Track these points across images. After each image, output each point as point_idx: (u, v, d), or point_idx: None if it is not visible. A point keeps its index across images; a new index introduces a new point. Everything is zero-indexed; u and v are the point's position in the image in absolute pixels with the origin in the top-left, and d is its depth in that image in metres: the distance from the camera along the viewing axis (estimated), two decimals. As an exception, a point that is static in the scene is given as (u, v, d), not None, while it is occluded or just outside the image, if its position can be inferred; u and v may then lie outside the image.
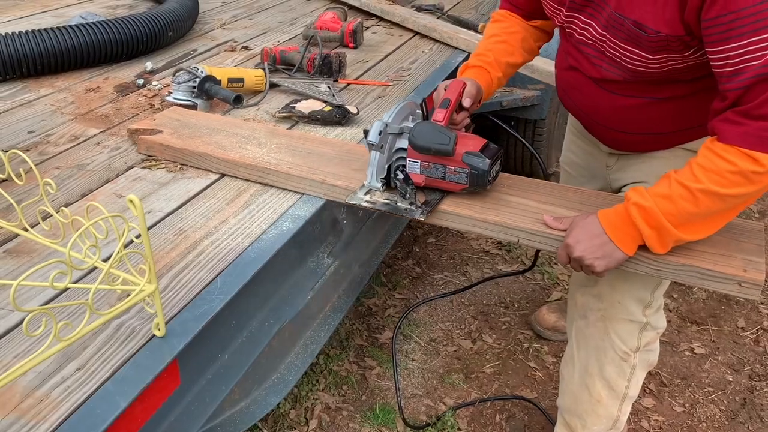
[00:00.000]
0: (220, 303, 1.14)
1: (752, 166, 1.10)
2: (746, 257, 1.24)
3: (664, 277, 1.28)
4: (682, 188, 1.15)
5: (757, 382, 2.11)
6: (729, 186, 1.13)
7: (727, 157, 1.11)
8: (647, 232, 1.19)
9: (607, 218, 1.23)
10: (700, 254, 1.24)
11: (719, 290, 1.23)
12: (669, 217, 1.16)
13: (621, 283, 1.51)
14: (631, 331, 1.55)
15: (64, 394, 0.96)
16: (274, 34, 2.69)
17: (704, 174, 1.14)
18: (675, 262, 1.22)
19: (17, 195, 1.43)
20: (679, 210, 1.16)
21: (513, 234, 1.33)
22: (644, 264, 1.25)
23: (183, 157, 1.62)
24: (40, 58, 2.10)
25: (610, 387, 1.61)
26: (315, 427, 1.93)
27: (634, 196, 1.19)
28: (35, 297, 1.15)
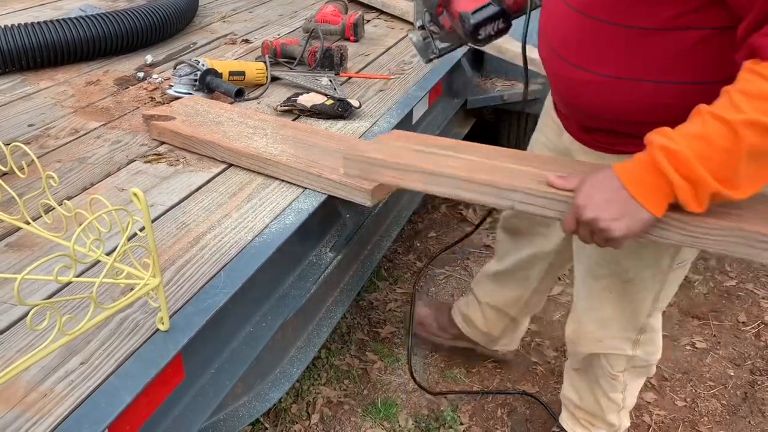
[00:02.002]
0: (224, 297, 1.14)
1: None
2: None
3: (701, 246, 0.99)
4: (720, 123, 0.89)
5: (758, 376, 2.11)
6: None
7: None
8: (679, 184, 0.91)
9: (625, 170, 0.96)
10: (743, 216, 0.96)
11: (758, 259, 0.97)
12: (706, 163, 0.90)
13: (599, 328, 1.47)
14: (618, 360, 1.53)
15: (69, 388, 0.95)
16: (274, 27, 2.67)
17: (748, 102, 0.87)
18: (715, 224, 0.95)
19: (17, 188, 1.42)
20: (718, 152, 0.89)
21: (507, 197, 1.07)
22: (675, 228, 0.97)
23: (191, 144, 1.62)
24: (40, 50, 2.09)
25: (608, 398, 1.62)
26: (317, 421, 1.92)
27: (659, 138, 0.93)
28: (38, 291, 1.14)
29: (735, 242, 0.95)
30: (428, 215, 2.88)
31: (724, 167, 0.90)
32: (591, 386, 1.64)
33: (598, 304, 1.44)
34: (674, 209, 0.95)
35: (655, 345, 1.52)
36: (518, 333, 2.02)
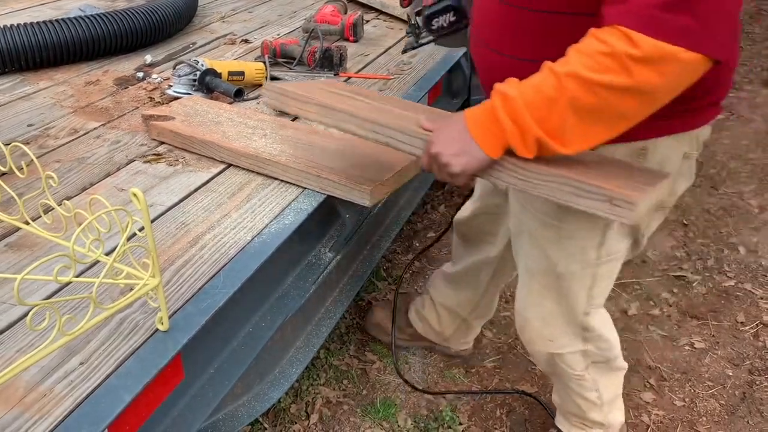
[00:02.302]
0: (224, 297, 1.14)
1: (628, 47, 0.93)
2: (634, 183, 1.04)
3: (530, 190, 1.07)
4: (550, 74, 0.98)
5: (756, 376, 2.11)
6: (599, 71, 0.94)
7: (603, 37, 0.95)
8: (509, 127, 1.00)
9: (471, 114, 1.06)
10: (578, 169, 1.05)
11: (588, 209, 1.03)
12: (532, 110, 0.98)
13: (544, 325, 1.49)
14: (575, 358, 1.53)
15: (68, 388, 0.95)
16: (273, 27, 2.67)
17: (575, 56, 0.97)
18: (543, 170, 1.04)
19: (17, 188, 1.42)
20: (544, 101, 0.97)
21: (384, 133, 1.21)
22: (509, 170, 1.07)
23: (190, 144, 1.62)
24: (39, 50, 2.09)
25: (584, 398, 1.63)
26: (316, 421, 1.92)
27: (502, 85, 1.02)
28: (37, 291, 1.15)
29: (559, 188, 1.04)
30: (427, 215, 2.88)
31: (548, 116, 0.98)
32: (565, 388, 1.65)
33: (538, 300, 1.45)
34: (512, 155, 1.05)
35: (606, 341, 1.51)
36: (471, 335, 2.08)
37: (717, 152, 3.47)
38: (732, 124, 3.78)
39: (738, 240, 2.77)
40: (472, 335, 2.09)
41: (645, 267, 2.60)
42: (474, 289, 1.90)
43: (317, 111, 1.28)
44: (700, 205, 3.01)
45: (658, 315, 2.36)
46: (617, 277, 2.54)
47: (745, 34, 5.19)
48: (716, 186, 3.16)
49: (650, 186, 1.04)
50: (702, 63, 0.95)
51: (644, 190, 1.01)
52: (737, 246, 2.73)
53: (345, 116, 1.25)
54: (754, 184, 3.18)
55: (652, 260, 2.64)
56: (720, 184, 3.17)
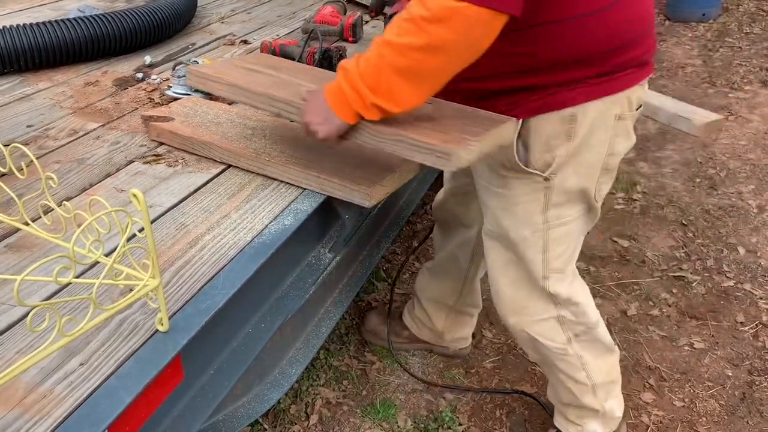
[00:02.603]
0: (223, 298, 1.14)
1: (420, 9, 1.07)
2: (461, 135, 1.20)
3: (383, 148, 1.26)
4: (374, 45, 1.15)
5: (756, 376, 2.12)
6: (401, 35, 1.10)
7: (411, 6, 1.10)
8: (352, 97, 1.18)
9: (329, 87, 1.23)
10: (418, 128, 1.22)
11: (425, 162, 1.21)
12: (365, 79, 1.15)
13: (514, 291, 1.51)
14: (552, 327, 1.54)
15: (68, 389, 0.95)
16: (273, 28, 2.67)
17: (390, 27, 1.13)
18: (387, 131, 1.22)
19: (16, 189, 1.42)
20: (372, 69, 1.14)
21: (275, 105, 1.39)
22: (365, 133, 1.26)
23: (190, 145, 1.62)
24: (38, 51, 2.08)
25: (574, 380, 1.63)
26: (316, 422, 1.92)
27: (345, 61, 1.21)
28: (37, 292, 1.14)
29: (399, 145, 1.22)
30: (427, 216, 2.88)
31: (378, 82, 1.14)
32: (555, 375, 1.65)
33: (502, 268, 1.52)
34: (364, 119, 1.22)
35: (577, 304, 1.53)
36: (466, 328, 2.09)
37: (716, 152, 3.47)
38: (731, 124, 3.78)
39: (737, 240, 2.77)
40: (467, 329, 2.10)
41: (644, 267, 2.61)
42: (455, 274, 1.93)
43: (226, 89, 1.46)
44: (699, 206, 3.01)
45: (658, 315, 2.36)
46: (617, 277, 2.56)
47: (744, 34, 5.19)
48: (715, 186, 3.16)
49: (476, 136, 1.19)
50: (491, 17, 1.07)
51: (466, 141, 1.18)
52: (736, 246, 2.73)
53: (245, 92, 1.42)
54: (753, 184, 3.18)
55: (651, 260, 2.64)
56: (719, 184, 3.18)
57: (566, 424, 1.75)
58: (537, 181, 1.35)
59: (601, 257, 2.66)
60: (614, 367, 1.69)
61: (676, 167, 3.33)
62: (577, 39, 1.21)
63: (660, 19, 5.57)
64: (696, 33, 5.24)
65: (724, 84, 4.32)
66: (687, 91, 4.21)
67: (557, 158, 1.32)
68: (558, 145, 1.31)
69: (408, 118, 1.24)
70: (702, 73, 4.50)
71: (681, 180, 3.22)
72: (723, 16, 5.53)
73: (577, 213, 1.42)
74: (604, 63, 1.24)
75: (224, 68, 1.54)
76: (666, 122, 2.65)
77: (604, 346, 1.63)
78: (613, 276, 2.55)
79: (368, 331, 2.19)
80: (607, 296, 2.45)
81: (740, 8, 5.76)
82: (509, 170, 1.36)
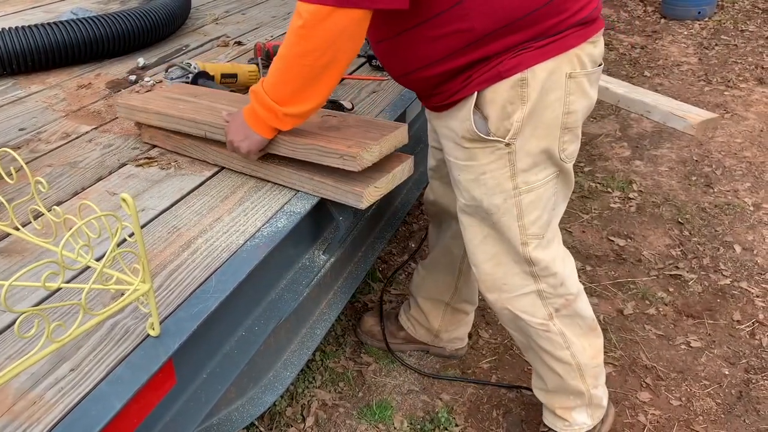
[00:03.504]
0: (215, 302, 1.13)
1: (297, 20, 1.20)
2: (362, 141, 1.39)
3: (297, 156, 1.42)
4: (275, 60, 1.28)
5: (752, 375, 2.11)
6: (289, 46, 1.24)
7: (293, 19, 1.22)
8: (263, 114, 1.33)
9: (246, 109, 1.38)
10: (326, 137, 1.41)
11: (332, 165, 1.38)
12: (270, 94, 1.30)
13: (493, 267, 1.54)
14: (532, 302, 1.56)
15: (58, 395, 0.95)
16: (267, 29, 2.67)
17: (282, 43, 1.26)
18: (301, 141, 1.40)
19: (8, 194, 1.42)
20: (273, 84, 1.29)
21: (202, 129, 1.53)
22: (283, 145, 1.42)
23: (182, 147, 1.64)
24: (31, 54, 2.08)
25: (558, 360, 1.63)
26: (312, 424, 1.92)
27: (254, 85, 1.33)
28: (27, 297, 1.14)
29: (312, 152, 1.40)
30: (423, 216, 2.88)
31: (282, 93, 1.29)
32: (539, 357, 1.66)
33: (481, 243, 1.54)
34: (283, 132, 1.40)
35: (555, 275, 1.54)
36: (462, 327, 2.09)
37: (712, 150, 3.47)
38: (727, 122, 3.78)
39: (733, 238, 2.77)
40: (463, 328, 2.10)
41: (640, 266, 2.60)
42: (450, 267, 1.94)
43: (157, 119, 1.60)
44: (695, 204, 3.01)
45: (654, 314, 2.36)
46: (613, 276, 2.56)
47: (740, 32, 5.20)
48: (711, 184, 3.16)
49: (374, 140, 1.39)
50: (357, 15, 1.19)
51: (366, 144, 1.37)
52: (733, 244, 2.73)
53: (172, 119, 1.58)
54: (749, 182, 3.18)
55: (647, 259, 2.64)
56: (715, 183, 3.18)
57: (554, 419, 1.76)
58: (500, 148, 1.40)
59: (597, 256, 2.65)
60: (600, 353, 1.70)
61: (672, 166, 3.33)
62: (503, 4, 1.26)
63: (656, 17, 5.57)
64: (691, 31, 5.24)
65: (720, 82, 4.32)
66: (683, 89, 4.21)
67: (514, 123, 1.36)
68: (514, 110, 1.35)
69: (318, 130, 1.45)
70: (698, 71, 4.50)
71: (677, 178, 3.22)
72: (718, 14, 5.54)
73: (547, 176, 1.46)
74: (539, 25, 1.30)
75: (149, 99, 1.67)
76: (660, 121, 2.65)
77: (586, 323, 1.64)
78: (610, 275, 2.55)
79: (364, 333, 2.19)
80: (604, 295, 2.44)
81: (735, 6, 5.76)
82: (471, 141, 1.41)
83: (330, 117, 1.55)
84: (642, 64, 4.62)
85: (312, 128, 1.46)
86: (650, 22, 5.48)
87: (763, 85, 4.28)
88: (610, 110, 3.80)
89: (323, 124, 1.49)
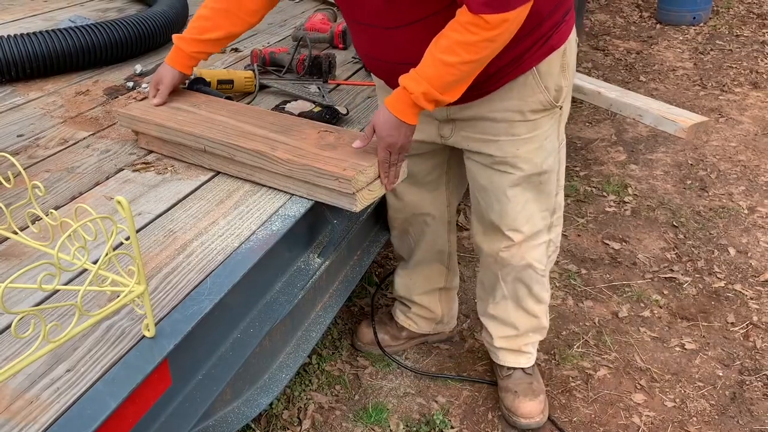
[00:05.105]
0: (210, 304, 1.15)
1: (488, 32, 1.28)
2: (357, 161, 1.43)
3: (294, 176, 1.47)
4: (447, 66, 1.33)
5: (746, 376, 2.13)
6: (482, 52, 1.31)
7: (473, 30, 1.28)
8: (427, 106, 1.38)
9: (390, 102, 1.40)
10: (323, 159, 1.44)
11: (330, 186, 1.42)
12: (441, 91, 1.35)
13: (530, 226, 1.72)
14: (543, 251, 1.79)
15: (54, 395, 0.96)
16: (263, 36, 2.69)
17: (463, 48, 1.30)
18: (299, 163, 1.44)
19: (6, 198, 1.44)
20: (448, 82, 1.35)
21: (201, 143, 1.56)
22: (281, 165, 1.46)
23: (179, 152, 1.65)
24: (29, 61, 2.10)
25: (540, 302, 1.88)
26: (308, 427, 1.93)
27: (410, 83, 1.35)
28: (25, 300, 1.15)
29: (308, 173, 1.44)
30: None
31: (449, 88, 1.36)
32: (523, 304, 1.86)
33: (523, 209, 1.70)
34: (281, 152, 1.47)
35: (559, 227, 1.83)
36: (454, 303, 2.19)
37: (707, 154, 3.49)
38: (721, 126, 3.81)
39: (728, 241, 2.79)
40: (455, 303, 2.20)
41: (635, 269, 2.62)
42: (439, 257, 2.05)
43: (156, 130, 1.62)
44: (690, 207, 3.03)
45: (649, 317, 2.37)
46: (608, 279, 2.57)
47: (734, 36, 5.23)
48: (706, 188, 3.18)
49: (368, 161, 1.44)
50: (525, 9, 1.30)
51: (361, 167, 1.42)
52: (727, 247, 2.75)
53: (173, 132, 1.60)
54: (743, 186, 3.20)
55: (642, 262, 2.66)
56: (710, 186, 3.20)
57: (517, 357, 1.94)
58: (555, 113, 1.61)
59: (592, 259, 2.67)
60: None
61: (667, 169, 3.35)
62: None
63: (651, 22, 5.60)
64: (687, 36, 5.27)
65: (715, 86, 4.35)
66: (678, 94, 4.24)
67: (564, 88, 1.58)
68: (564, 77, 1.57)
69: (315, 149, 1.48)
70: (693, 76, 4.52)
71: (672, 182, 3.24)
72: (713, 19, 5.57)
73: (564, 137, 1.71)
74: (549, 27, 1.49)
75: (149, 109, 1.69)
76: (652, 124, 2.67)
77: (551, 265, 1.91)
78: (605, 278, 2.57)
79: (363, 343, 2.20)
80: (599, 298, 2.46)
81: (730, 11, 5.80)
82: (538, 112, 1.57)
83: (327, 133, 1.57)
84: (638, 69, 4.65)
85: (309, 146, 1.49)
86: (646, 27, 5.51)
87: (758, 89, 4.31)
88: (606, 115, 3.83)
89: (320, 141, 1.52)
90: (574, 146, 3.45)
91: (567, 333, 2.29)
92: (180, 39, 1.71)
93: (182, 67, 1.73)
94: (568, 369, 2.14)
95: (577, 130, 3.68)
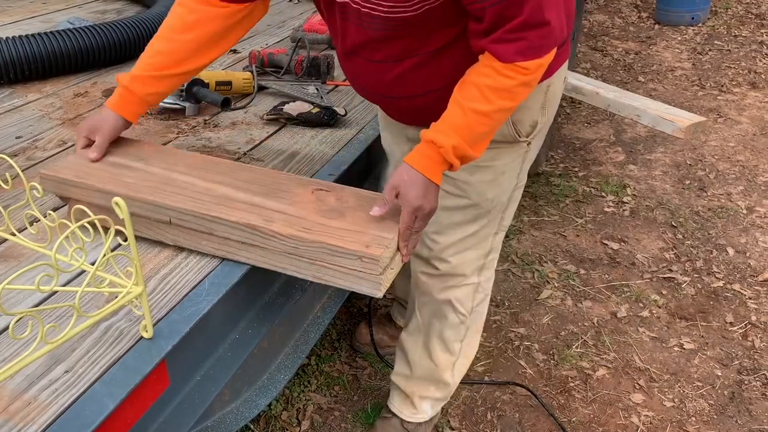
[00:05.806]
0: (208, 305, 1.15)
1: (526, 77, 1.19)
2: (378, 233, 1.18)
3: (303, 255, 1.20)
4: (479, 115, 1.21)
5: (745, 376, 2.13)
6: (517, 97, 1.23)
7: (509, 74, 1.18)
8: (455, 163, 1.24)
9: (414, 159, 1.24)
10: (336, 231, 1.18)
11: (348, 267, 1.16)
12: (470, 144, 1.23)
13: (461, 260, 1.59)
14: (468, 293, 1.65)
15: (52, 396, 0.96)
16: (262, 37, 2.69)
17: (497, 95, 1.20)
18: (308, 239, 1.17)
19: (4, 200, 1.44)
20: (479, 133, 1.23)
21: (165, 213, 1.24)
22: (284, 242, 1.19)
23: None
24: (28, 63, 2.10)
25: (446, 351, 1.72)
26: (307, 428, 1.93)
27: (438, 137, 1.21)
28: (23, 301, 1.15)
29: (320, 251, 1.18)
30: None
31: (479, 140, 1.25)
32: (429, 346, 1.72)
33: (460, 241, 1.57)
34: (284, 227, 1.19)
35: (491, 270, 1.69)
36: None
37: (705, 154, 3.50)
38: (720, 126, 3.81)
39: (726, 241, 2.79)
40: None
41: (634, 269, 2.62)
42: None
43: (99, 197, 1.26)
44: (688, 207, 3.03)
45: (648, 317, 2.37)
46: (607, 279, 2.58)
47: (733, 37, 5.24)
48: (705, 188, 3.19)
49: (391, 232, 1.20)
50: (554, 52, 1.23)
51: (385, 241, 1.17)
52: (726, 247, 2.75)
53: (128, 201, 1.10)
54: (742, 186, 3.21)
55: (641, 262, 2.66)
56: (708, 186, 3.20)
57: (403, 405, 1.81)
58: (522, 148, 1.48)
59: (591, 260, 2.67)
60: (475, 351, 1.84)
61: (666, 169, 3.36)
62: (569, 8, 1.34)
63: (649, 23, 5.61)
64: (685, 36, 5.28)
65: (714, 86, 4.36)
66: (677, 94, 4.25)
67: (539, 124, 1.47)
68: (540, 113, 1.45)
69: (319, 218, 1.22)
70: (691, 76, 4.53)
71: (670, 182, 3.25)
72: (712, 20, 5.58)
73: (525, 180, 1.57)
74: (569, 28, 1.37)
75: (83, 168, 1.32)
76: (650, 124, 2.67)
77: (482, 322, 1.80)
78: (603, 278, 2.57)
79: (362, 344, 2.20)
80: (597, 298, 2.46)
81: (729, 11, 5.80)
82: (500, 142, 1.43)
83: (323, 193, 1.30)
84: (636, 70, 4.66)
85: (311, 214, 1.23)
86: (644, 27, 5.52)
87: (756, 89, 4.31)
88: (604, 115, 3.83)
89: (321, 206, 1.25)
90: (572, 146, 3.46)
91: (566, 333, 2.29)
92: (132, 79, 1.38)
93: (129, 114, 1.39)
94: (566, 369, 2.14)
95: (576, 131, 3.68)
